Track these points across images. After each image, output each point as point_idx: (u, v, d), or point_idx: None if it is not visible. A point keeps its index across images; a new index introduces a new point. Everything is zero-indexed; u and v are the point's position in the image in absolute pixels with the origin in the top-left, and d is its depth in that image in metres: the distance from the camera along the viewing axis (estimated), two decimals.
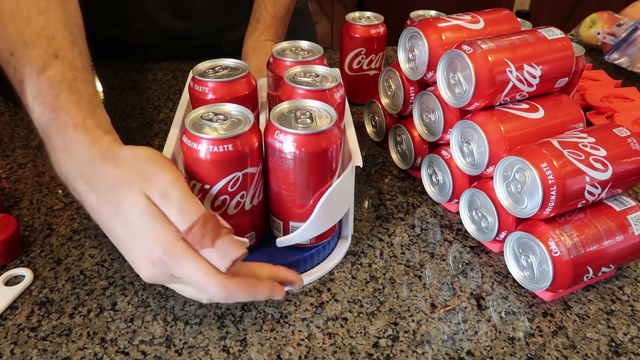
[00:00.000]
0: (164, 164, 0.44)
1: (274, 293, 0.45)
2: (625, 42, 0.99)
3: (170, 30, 0.96)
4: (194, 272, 0.42)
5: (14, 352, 0.46)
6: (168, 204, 0.42)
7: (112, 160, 0.44)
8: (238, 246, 0.43)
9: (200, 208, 0.43)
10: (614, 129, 0.52)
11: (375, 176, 0.70)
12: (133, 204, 0.42)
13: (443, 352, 0.47)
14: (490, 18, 0.62)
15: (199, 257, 0.42)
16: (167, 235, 0.42)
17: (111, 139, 0.46)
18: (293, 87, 0.53)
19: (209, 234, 0.42)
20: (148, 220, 0.42)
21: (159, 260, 0.42)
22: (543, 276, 0.50)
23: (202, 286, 0.42)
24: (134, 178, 0.43)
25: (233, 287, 0.43)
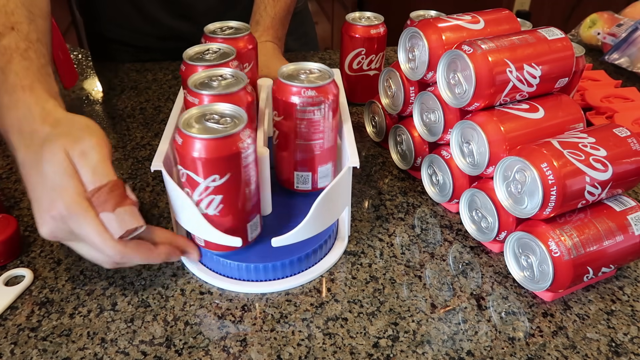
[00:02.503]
0: (95, 131, 0.48)
1: (170, 256, 0.50)
2: (625, 42, 0.99)
3: (170, 31, 0.96)
4: (91, 232, 0.44)
5: (14, 352, 0.46)
6: (84, 163, 0.45)
7: (50, 122, 0.48)
8: (136, 218, 0.45)
9: (113, 175, 0.46)
10: (614, 129, 0.52)
11: (375, 176, 0.70)
12: (51, 158, 0.45)
13: (443, 352, 0.47)
14: (491, 18, 0.62)
15: (98, 219, 0.44)
16: (73, 191, 0.44)
17: (55, 103, 0.50)
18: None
19: (112, 199, 0.44)
20: (60, 174, 0.45)
21: (59, 216, 0.44)
22: (543, 276, 0.50)
23: (98, 247, 0.45)
24: (61, 136, 0.46)
25: (128, 251, 0.46)
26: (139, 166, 0.70)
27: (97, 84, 0.94)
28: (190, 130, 0.45)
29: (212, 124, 0.46)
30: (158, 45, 0.99)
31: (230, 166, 0.46)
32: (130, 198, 0.46)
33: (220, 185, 0.47)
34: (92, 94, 0.91)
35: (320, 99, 0.53)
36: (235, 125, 0.46)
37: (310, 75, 0.55)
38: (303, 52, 1.06)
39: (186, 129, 0.45)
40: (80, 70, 0.98)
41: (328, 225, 0.54)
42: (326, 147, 0.56)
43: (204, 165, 0.45)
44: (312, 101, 0.52)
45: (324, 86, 0.53)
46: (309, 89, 0.52)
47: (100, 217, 0.44)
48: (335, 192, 0.51)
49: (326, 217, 0.53)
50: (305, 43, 1.11)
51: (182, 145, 0.45)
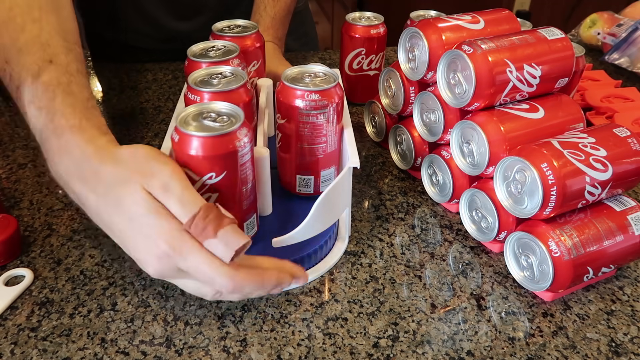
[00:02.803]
0: (163, 159, 0.44)
1: (281, 282, 0.45)
2: (625, 42, 0.99)
3: (170, 32, 0.96)
4: (199, 263, 0.41)
5: (14, 352, 0.46)
6: (169, 197, 0.42)
7: (110, 160, 0.44)
8: (241, 235, 0.43)
9: (201, 200, 0.43)
10: (614, 129, 0.52)
11: (375, 176, 0.70)
12: (134, 200, 0.42)
13: (443, 352, 0.47)
14: (491, 18, 0.62)
15: (203, 249, 0.42)
16: (170, 228, 0.41)
17: (108, 139, 0.46)
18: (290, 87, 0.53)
19: (210, 224, 0.42)
20: (150, 215, 0.42)
21: (164, 255, 0.42)
22: (543, 276, 0.50)
23: (209, 277, 0.42)
24: (133, 175, 0.43)
25: (240, 278, 0.42)
26: None
27: (97, 84, 0.94)
28: (187, 128, 0.45)
29: (209, 122, 0.46)
30: (158, 46, 0.99)
31: (227, 164, 0.46)
32: (226, 217, 0.43)
33: (216, 183, 0.46)
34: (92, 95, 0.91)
35: (324, 103, 0.53)
36: (232, 123, 0.46)
37: (315, 79, 0.55)
38: (303, 52, 1.06)
39: (183, 127, 0.45)
40: None
41: (328, 225, 0.54)
42: (329, 151, 0.56)
43: (201, 162, 0.45)
44: (315, 105, 0.52)
45: (328, 90, 0.53)
46: (312, 93, 0.52)
47: (205, 246, 0.42)
48: (335, 192, 0.51)
49: (327, 217, 0.53)
50: (306, 43, 1.11)
51: (178, 142, 0.45)
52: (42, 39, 0.50)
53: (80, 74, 0.50)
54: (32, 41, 0.49)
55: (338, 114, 0.55)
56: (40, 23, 0.50)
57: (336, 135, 0.56)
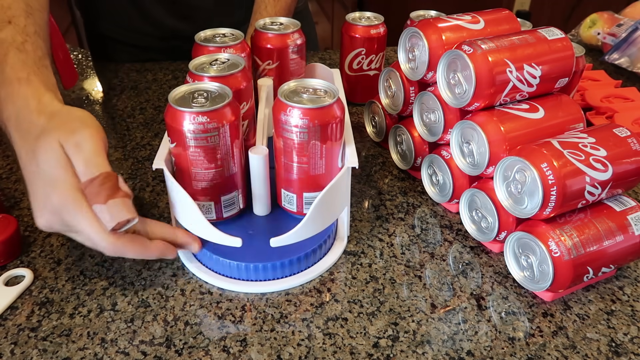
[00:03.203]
0: (90, 123, 0.48)
1: (165, 253, 0.49)
2: (625, 42, 0.99)
3: (171, 31, 0.96)
4: (84, 224, 0.44)
5: (14, 352, 0.46)
6: (78, 155, 0.45)
7: (46, 114, 0.48)
8: (129, 210, 0.45)
9: (106, 167, 0.45)
10: (614, 129, 0.52)
11: (375, 176, 0.70)
12: (46, 150, 0.45)
13: (443, 352, 0.47)
14: (491, 18, 0.62)
15: (90, 212, 0.44)
16: (66, 183, 0.44)
17: (52, 95, 0.50)
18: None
19: (104, 191, 0.44)
20: (54, 166, 0.45)
21: (53, 208, 0.45)
22: (543, 276, 0.50)
23: (92, 239, 0.45)
24: (56, 128, 0.46)
25: (121, 244, 0.45)
26: (139, 166, 0.71)
27: (97, 84, 0.94)
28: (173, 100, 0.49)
29: (201, 99, 0.50)
30: (158, 45, 0.99)
31: (179, 139, 0.49)
32: (123, 190, 0.45)
33: (175, 151, 0.50)
34: (92, 94, 0.91)
35: (305, 123, 0.49)
36: (203, 105, 0.49)
37: (312, 95, 0.52)
38: None
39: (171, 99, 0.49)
40: (80, 70, 0.98)
41: (327, 225, 0.54)
42: (313, 174, 0.53)
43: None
44: (295, 122, 0.49)
45: (316, 109, 0.49)
46: (294, 109, 0.49)
47: (93, 209, 0.44)
48: (334, 192, 0.51)
49: (325, 217, 0.53)
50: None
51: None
52: (4, 2, 0.55)
53: (36, 35, 0.55)
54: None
55: (325, 137, 0.51)
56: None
57: (323, 158, 0.52)
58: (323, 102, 0.50)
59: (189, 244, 0.52)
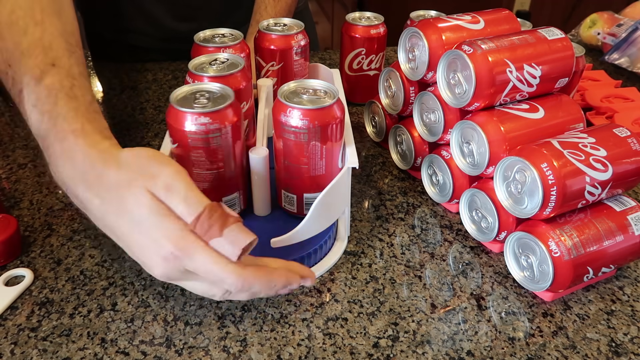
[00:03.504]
0: (165, 160, 0.44)
1: (290, 281, 0.45)
2: (625, 42, 0.99)
3: (171, 32, 0.96)
4: (207, 262, 0.41)
5: (14, 352, 0.46)
6: (173, 197, 0.42)
7: (113, 163, 0.44)
8: (247, 233, 0.42)
9: (205, 199, 0.42)
10: (614, 129, 0.52)
11: (375, 176, 0.70)
12: (138, 202, 0.42)
13: (443, 352, 0.47)
14: (490, 18, 0.62)
15: (210, 248, 0.41)
16: (175, 229, 0.41)
17: (110, 143, 0.46)
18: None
19: (216, 223, 0.41)
20: (155, 216, 0.41)
21: (171, 256, 0.41)
22: (543, 276, 0.50)
23: (217, 276, 0.42)
24: (137, 177, 0.43)
25: (249, 276, 0.42)
26: None
27: (97, 84, 0.94)
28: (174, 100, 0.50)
29: (202, 100, 0.50)
30: (158, 45, 0.99)
31: (180, 139, 0.50)
32: (232, 215, 0.43)
33: (176, 152, 0.51)
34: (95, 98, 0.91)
35: (305, 124, 0.49)
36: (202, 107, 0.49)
37: (312, 95, 0.52)
38: None
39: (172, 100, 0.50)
40: None
41: (327, 226, 0.53)
42: (313, 175, 0.53)
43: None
44: (295, 123, 0.49)
45: (315, 110, 0.49)
46: (294, 110, 0.49)
47: (211, 245, 0.42)
48: (334, 192, 0.51)
49: (325, 218, 0.53)
50: None
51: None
52: (44, 41, 0.49)
53: (82, 76, 0.50)
54: (35, 44, 0.49)
55: (326, 137, 0.51)
56: (42, 26, 0.50)
57: (323, 159, 0.52)
58: (323, 103, 0.50)
59: (306, 277, 0.47)
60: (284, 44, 0.66)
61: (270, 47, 0.66)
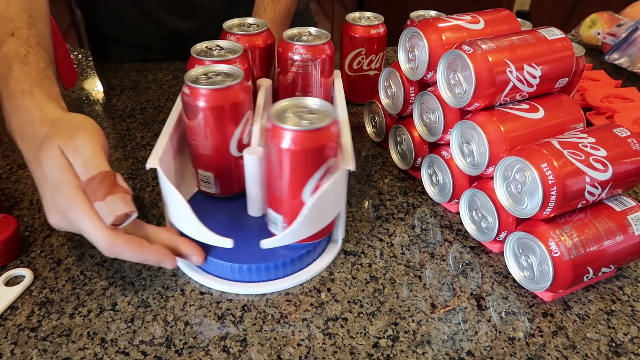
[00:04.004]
0: (88, 127, 0.50)
1: (162, 259, 0.49)
2: (625, 42, 0.99)
3: (172, 32, 0.96)
4: (84, 221, 0.46)
5: (14, 352, 0.46)
6: (77, 157, 0.47)
7: (48, 123, 0.50)
8: (127, 205, 0.46)
9: (105, 166, 0.47)
10: (614, 129, 0.52)
11: (375, 176, 0.70)
12: (48, 156, 0.47)
13: (443, 352, 0.47)
14: (491, 18, 0.62)
15: (91, 209, 0.46)
16: (68, 184, 0.46)
17: (55, 105, 0.52)
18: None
19: (103, 188, 0.46)
20: (56, 170, 0.47)
21: (58, 208, 0.47)
22: (543, 276, 0.50)
23: (91, 236, 0.46)
24: (57, 135, 0.48)
25: (119, 243, 0.46)
26: (139, 166, 0.71)
27: (97, 84, 0.94)
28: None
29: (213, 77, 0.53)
30: (159, 45, 0.99)
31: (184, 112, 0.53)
32: (121, 186, 0.47)
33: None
34: (92, 94, 0.91)
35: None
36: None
37: (308, 115, 0.49)
38: None
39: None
40: (80, 70, 0.98)
41: (320, 228, 0.53)
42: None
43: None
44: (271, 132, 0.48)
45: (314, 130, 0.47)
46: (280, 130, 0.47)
47: (94, 207, 0.46)
48: (328, 195, 0.50)
49: (318, 220, 0.52)
50: None
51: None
52: (7, 14, 0.57)
53: (39, 46, 0.56)
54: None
55: (309, 160, 0.48)
56: (7, 1, 0.58)
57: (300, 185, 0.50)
58: (321, 123, 0.47)
59: (192, 255, 0.51)
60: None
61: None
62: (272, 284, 0.52)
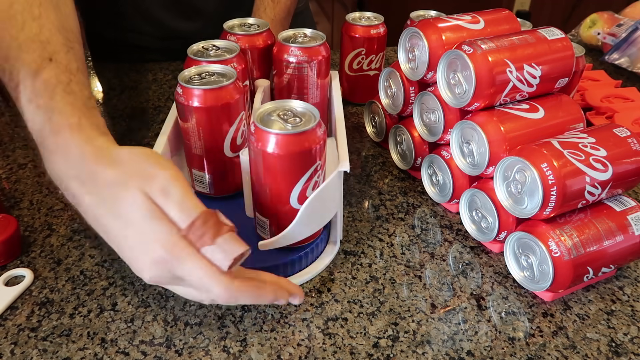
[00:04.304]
0: (163, 162, 0.44)
1: (278, 296, 0.45)
2: (625, 42, 0.99)
3: (171, 31, 0.96)
4: (196, 270, 0.41)
5: (14, 352, 0.46)
6: (168, 201, 0.41)
7: (108, 160, 0.43)
8: (240, 244, 0.42)
9: (201, 205, 0.42)
10: (614, 129, 0.52)
11: (375, 176, 0.70)
12: (132, 203, 0.41)
13: (443, 352, 0.47)
14: (491, 18, 0.62)
15: (201, 255, 0.41)
16: (168, 233, 0.41)
17: (106, 139, 0.45)
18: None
19: (209, 231, 0.41)
20: (148, 219, 0.41)
21: (161, 260, 0.41)
22: (543, 276, 0.50)
23: (205, 285, 0.41)
24: (132, 177, 0.42)
25: (236, 287, 0.42)
26: None
27: (97, 84, 0.94)
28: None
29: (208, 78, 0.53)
30: (158, 45, 0.99)
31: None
32: (226, 224, 0.43)
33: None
34: (92, 94, 0.91)
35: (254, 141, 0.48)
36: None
37: (291, 119, 0.49)
38: None
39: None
40: None
41: (316, 229, 0.53)
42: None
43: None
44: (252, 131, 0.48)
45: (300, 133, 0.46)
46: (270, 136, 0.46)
47: (202, 253, 0.41)
48: (324, 195, 0.50)
49: (315, 221, 0.52)
50: None
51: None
52: (42, 36, 0.49)
53: (80, 72, 0.50)
54: (32, 39, 0.48)
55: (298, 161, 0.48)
56: (40, 20, 0.49)
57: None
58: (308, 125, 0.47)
59: (294, 295, 0.47)
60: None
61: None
62: None
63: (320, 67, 0.64)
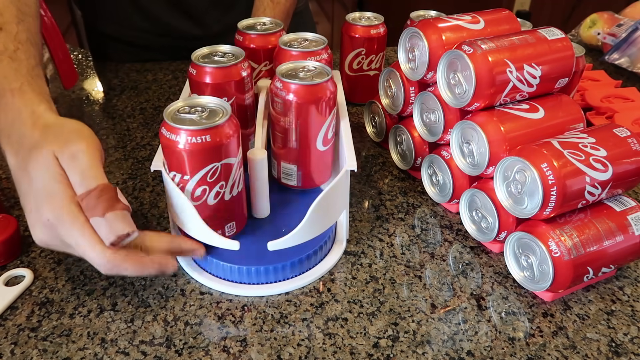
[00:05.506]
0: (85, 134, 0.46)
1: (162, 268, 0.46)
2: (625, 42, 0.99)
3: (170, 29, 0.96)
4: (79, 238, 0.42)
5: (14, 352, 0.46)
6: (73, 167, 0.43)
7: (40, 126, 0.46)
8: (128, 224, 0.43)
9: (104, 178, 0.44)
10: (614, 129, 0.52)
11: (376, 176, 0.70)
12: (40, 163, 0.43)
13: (443, 352, 0.47)
14: (491, 18, 0.62)
15: (87, 225, 0.42)
16: (61, 196, 0.42)
17: (47, 107, 0.48)
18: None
19: (102, 204, 0.42)
20: (48, 179, 0.43)
21: (49, 223, 0.43)
22: (543, 276, 0.50)
23: (86, 254, 0.43)
24: (50, 141, 0.44)
25: (117, 260, 0.43)
26: (139, 166, 0.70)
27: (97, 84, 0.94)
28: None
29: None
30: (157, 42, 0.99)
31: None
32: (122, 203, 0.44)
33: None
34: (92, 94, 0.91)
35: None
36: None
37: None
38: None
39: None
40: (80, 70, 0.98)
41: (325, 228, 0.53)
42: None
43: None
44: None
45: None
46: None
47: (91, 223, 0.42)
48: (332, 195, 0.51)
49: (323, 220, 0.52)
50: None
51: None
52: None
53: (29, 43, 0.53)
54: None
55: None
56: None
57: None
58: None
59: (194, 250, 0.50)
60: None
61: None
62: (275, 286, 0.52)
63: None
